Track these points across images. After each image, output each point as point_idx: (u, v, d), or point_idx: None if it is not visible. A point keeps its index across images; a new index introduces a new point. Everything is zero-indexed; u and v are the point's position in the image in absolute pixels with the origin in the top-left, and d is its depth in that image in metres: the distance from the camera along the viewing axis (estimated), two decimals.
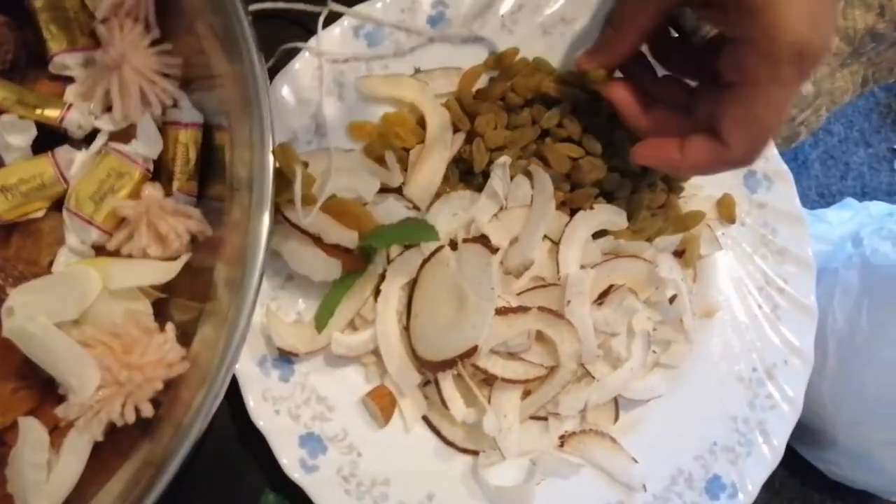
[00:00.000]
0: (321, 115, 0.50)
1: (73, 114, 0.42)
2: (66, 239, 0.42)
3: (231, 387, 0.45)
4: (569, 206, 0.53)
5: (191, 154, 0.43)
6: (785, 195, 0.58)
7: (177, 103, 0.43)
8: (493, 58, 0.54)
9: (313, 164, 0.48)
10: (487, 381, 0.50)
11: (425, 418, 0.50)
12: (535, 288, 0.51)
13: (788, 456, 0.56)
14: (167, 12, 0.43)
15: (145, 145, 0.42)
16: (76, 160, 0.42)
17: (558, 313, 0.50)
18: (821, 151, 0.86)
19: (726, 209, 0.57)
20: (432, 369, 0.48)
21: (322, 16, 0.50)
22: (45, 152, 0.41)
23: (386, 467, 0.49)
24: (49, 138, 0.42)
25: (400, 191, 0.51)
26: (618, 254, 0.53)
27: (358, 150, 0.51)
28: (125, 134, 0.43)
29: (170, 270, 0.41)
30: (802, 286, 0.58)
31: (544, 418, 0.52)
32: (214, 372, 0.36)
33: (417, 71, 0.53)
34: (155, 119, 0.43)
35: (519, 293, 0.51)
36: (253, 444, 0.47)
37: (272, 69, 0.50)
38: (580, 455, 0.52)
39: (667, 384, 0.55)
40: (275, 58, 0.51)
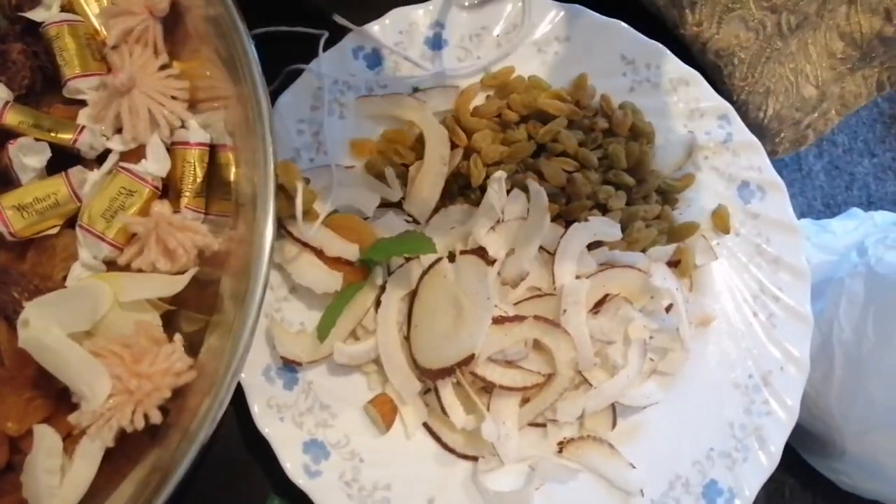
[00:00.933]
0: (323, 134, 0.52)
1: (85, 135, 0.44)
2: (79, 254, 0.43)
3: (237, 394, 0.47)
4: (564, 219, 0.54)
5: (198, 172, 0.45)
6: (778, 205, 0.59)
7: (184, 124, 0.45)
8: (489, 76, 0.55)
9: (316, 181, 0.50)
10: (486, 388, 0.51)
11: (426, 425, 0.52)
12: (531, 298, 0.53)
13: (798, 466, 0.55)
14: (174, 38, 0.46)
15: (154, 164, 0.44)
16: (88, 179, 0.44)
17: (554, 322, 0.51)
18: (825, 162, 0.86)
19: (721, 220, 0.58)
20: (432, 377, 0.50)
21: (322, 39, 0.52)
22: (59, 172, 0.43)
23: (387, 473, 0.50)
24: (63, 159, 0.44)
25: (400, 205, 0.53)
26: (612, 264, 0.54)
27: (359, 167, 0.53)
28: (135, 154, 0.45)
29: (178, 284, 0.43)
30: (797, 294, 0.58)
31: (543, 425, 0.53)
32: (220, 380, 0.38)
33: (416, 90, 0.54)
34: (163, 139, 0.45)
35: (516, 303, 0.53)
36: (258, 449, 0.49)
37: (276, 90, 0.52)
38: (578, 461, 0.53)
39: (664, 391, 0.55)
40: (279, 79, 0.53)
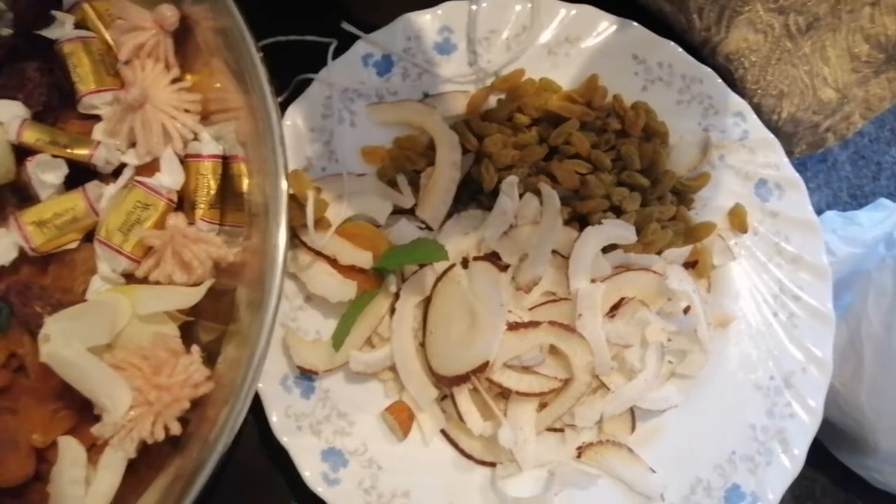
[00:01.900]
0: (334, 142, 0.52)
1: (101, 151, 0.44)
2: (97, 268, 0.44)
3: (256, 403, 0.47)
4: (578, 222, 0.53)
5: (211, 184, 0.45)
6: (797, 202, 0.58)
7: (197, 136, 0.46)
8: (499, 80, 0.55)
9: (328, 190, 0.50)
10: (503, 394, 0.51)
11: (443, 431, 0.52)
12: (546, 303, 0.52)
13: (829, 464, 0.54)
14: (185, 51, 0.46)
15: (169, 178, 0.45)
16: (105, 194, 0.44)
17: (570, 327, 0.50)
18: (851, 152, 0.84)
19: (738, 219, 0.57)
20: (447, 384, 0.50)
21: (331, 47, 0.52)
22: (77, 188, 0.44)
23: (406, 480, 0.50)
24: (80, 174, 0.45)
25: (412, 212, 0.53)
26: (628, 267, 0.54)
27: (371, 174, 0.53)
28: (150, 167, 0.45)
29: (195, 295, 0.43)
30: (818, 293, 0.57)
31: (561, 430, 0.53)
32: (238, 390, 0.38)
33: (426, 96, 0.54)
34: (177, 152, 0.45)
35: (531, 308, 0.52)
36: (278, 458, 0.49)
37: (287, 99, 0.52)
38: (598, 466, 0.52)
39: (683, 394, 0.55)
40: (290, 89, 0.53)
